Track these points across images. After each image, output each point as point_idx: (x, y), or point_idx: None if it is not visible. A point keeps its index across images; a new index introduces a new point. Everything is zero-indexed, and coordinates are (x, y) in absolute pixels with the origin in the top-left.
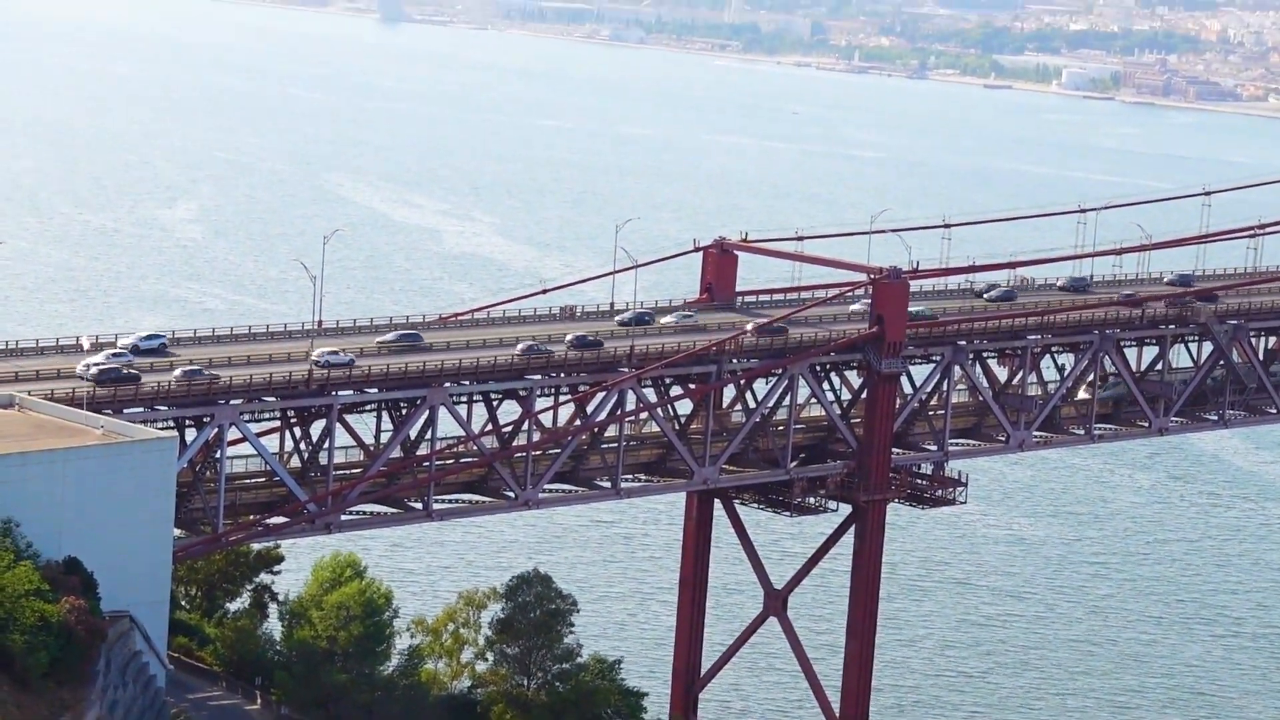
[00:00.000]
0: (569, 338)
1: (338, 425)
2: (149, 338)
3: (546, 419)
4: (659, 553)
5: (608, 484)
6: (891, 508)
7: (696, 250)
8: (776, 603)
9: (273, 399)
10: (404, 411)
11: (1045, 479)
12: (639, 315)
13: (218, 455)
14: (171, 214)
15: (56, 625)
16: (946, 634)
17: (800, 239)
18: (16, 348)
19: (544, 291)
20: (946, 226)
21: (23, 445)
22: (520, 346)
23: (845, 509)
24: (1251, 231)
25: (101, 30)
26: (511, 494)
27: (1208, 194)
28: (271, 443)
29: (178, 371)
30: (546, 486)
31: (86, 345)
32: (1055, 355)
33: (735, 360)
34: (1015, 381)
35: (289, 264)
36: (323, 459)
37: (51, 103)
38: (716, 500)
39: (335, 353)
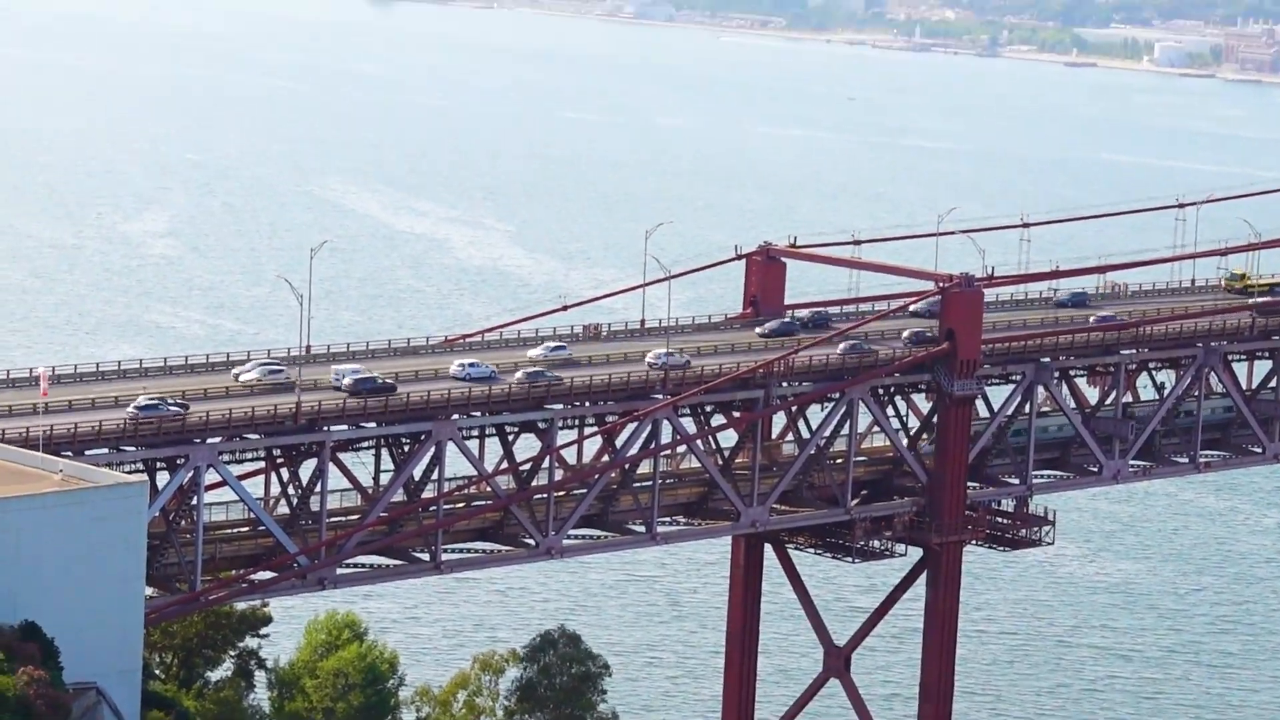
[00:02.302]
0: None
1: (331, 465)
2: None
3: (570, 455)
4: (702, 606)
5: (642, 528)
6: (968, 551)
7: (739, 258)
8: (838, 661)
9: (256, 436)
10: (406, 448)
11: (1146, 516)
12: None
13: (194, 502)
14: (139, 227)
15: (13, 700)
16: (1033, 696)
17: (858, 243)
18: None
19: (565, 308)
20: (1025, 226)
21: None
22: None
23: (915, 553)
24: None
25: (45, 14)
26: (531, 541)
27: None
28: (256, 487)
29: (130, 407)
30: (571, 532)
31: (43, 379)
32: (1153, 372)
33: (785, 384)
34: (1108, 403)
35: (275, 282)
36: (314, 504)
37: None
38: (767, 545)
39: (475, 364)
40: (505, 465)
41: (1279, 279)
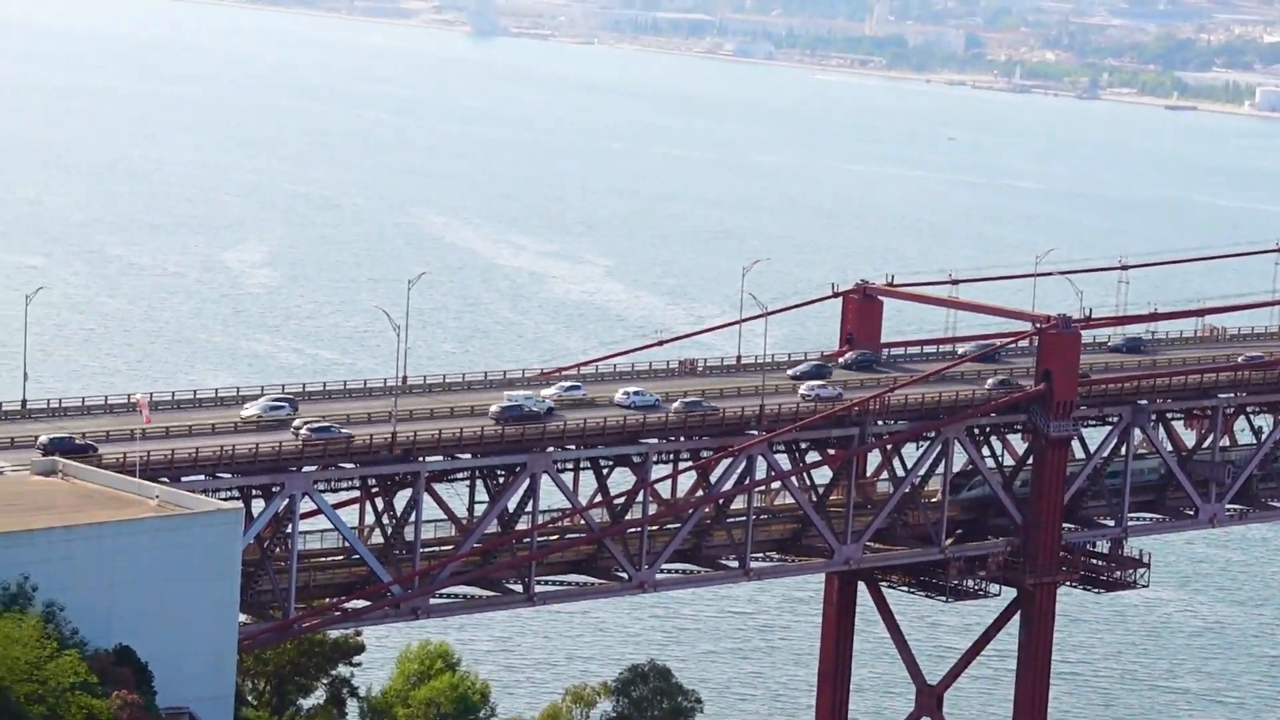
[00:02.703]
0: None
1: (426, 496)
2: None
3: (664, 489)
4: (795, 642)
5: (735, 564)
6: (1062, 592)
7: (835, 296)
8: (930, 700)
9: (351, 466)
10: (501, 480)
11: (1242, 560)
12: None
13: (289, 530)
14: (239, 256)
15: None
16: None
17: (955, 283)
18: (59, 406)
19: (661, 343)
20: (1124, 268)
21: (67, 518)
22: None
23: (1009, 593)
24: None
25: (144, 46)
26: (624, 575)
27: None
28: (350, 516)
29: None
30: (664, 566)
31: (143, 405)
32: (1251, 416)
33: (880, 422)
34: (1205, 446)
35: (372, 312)
36: (409, 534)
37: (95, 130)
38: (860, 582)
39: (640, 393)
40: (599, 499)
41: None
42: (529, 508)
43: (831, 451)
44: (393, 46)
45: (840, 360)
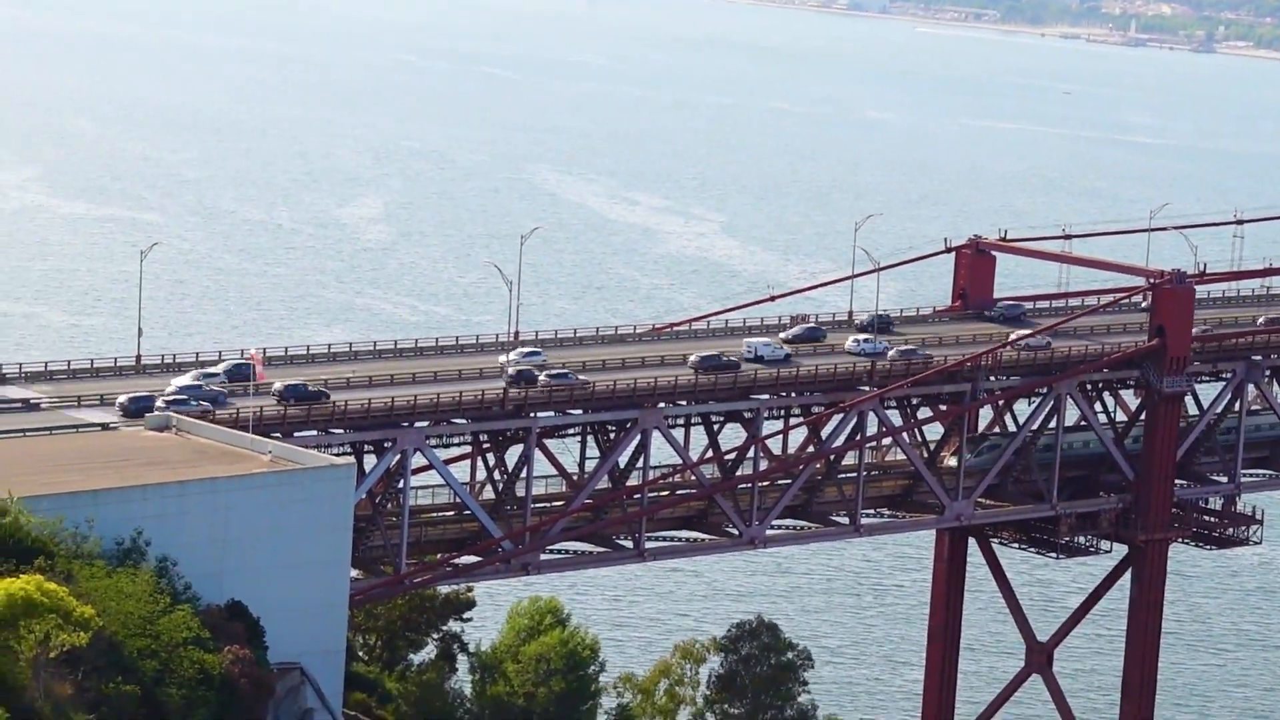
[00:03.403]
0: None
1: (537, 451)
2: None
3: (775, 445)
4: (905, 599)
5: (845, 520)
6: (1174, 549)
7: (948, 251)
8: (1041, 657)
9: (463, 421)
10: (613, 436)
11: None
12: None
13: (400, 485)
14: (354, 212)
15: (218, 678)
16: (1238, 698)
17: (1068, 238)
18: (174, 362)
19: (772, 298)
20: (1239, 223)
21: (180, 473)
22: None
23: (1120, 550)
24: None
25: (258, 6)
26: (735, 531)
27: None
28: (462, 471)
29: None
30: (775, 522)
31: (257, 362)
32: None
33: (993, 378)
34: None
35: (487, 269)
36: (520, 490)
37: (211, 90)
38: (971, 539)
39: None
40: (710, 455)
41: None
42: (640, 464)
43: (944, 407)
44: (507, 6)
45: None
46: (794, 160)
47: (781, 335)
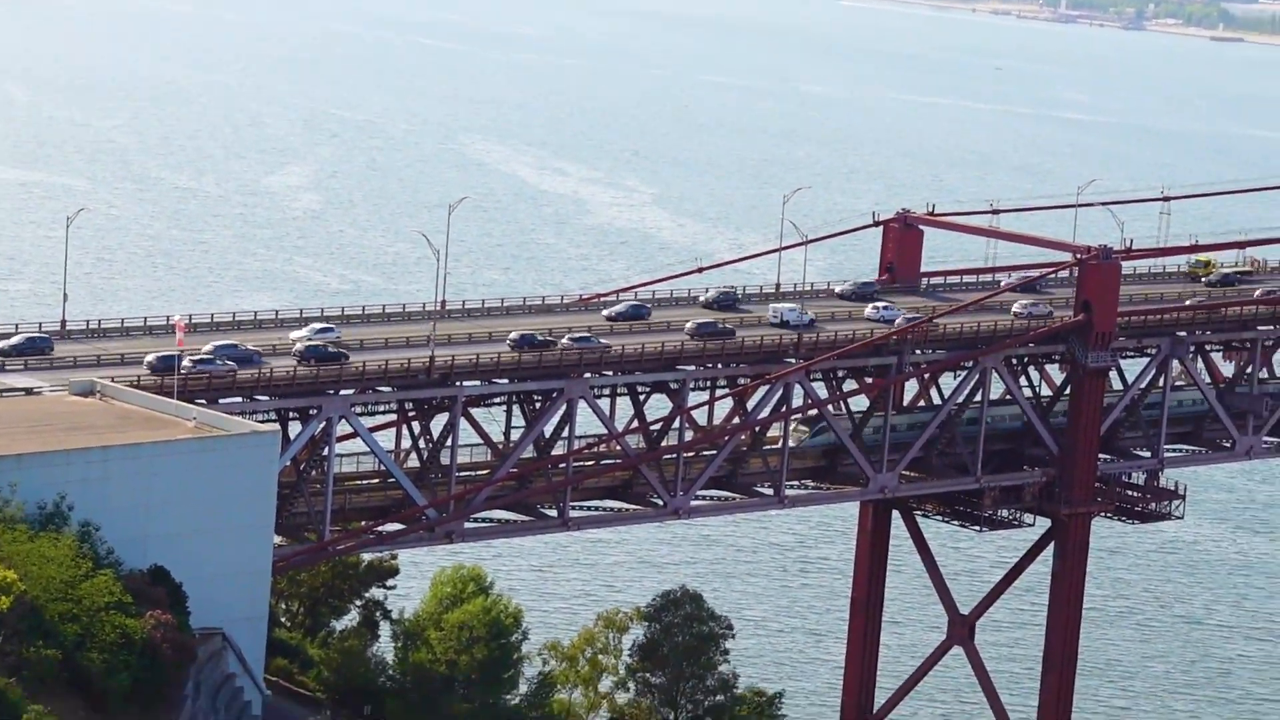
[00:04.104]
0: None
1: (462, 420)
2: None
3: (700, 416)
4: (828, 570)
5: (770, 491)
6: (1097, 523)
7: (876, 224)
8: (962, 629)
9: (388, 389)
10: (538, 405)
11: (1278, 492)
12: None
13: (325, 453)
14: (283, 180)
15: (140, 643)
16: (1159, 671)
17: (996, 212)
18: (99, 328)
19: (700, 270)
20: (1165, 199)
21: (104, 438)
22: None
23: (1044, 523)
24: None
25: None
26: (659, 501)
27: None
28: (387, 439)
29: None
30: (699, 493)
31: (180, 328)
32: None
33: (919, 351)
34: (1244, 379)
35: (415, 238)
36: (445, 458)
37: (145, 56)
38: (895, 511)
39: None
40: (635, 425)
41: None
42: (565, 433)
43: (869, 380)
44: None
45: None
46: (727, 133)
47: (605, 312)
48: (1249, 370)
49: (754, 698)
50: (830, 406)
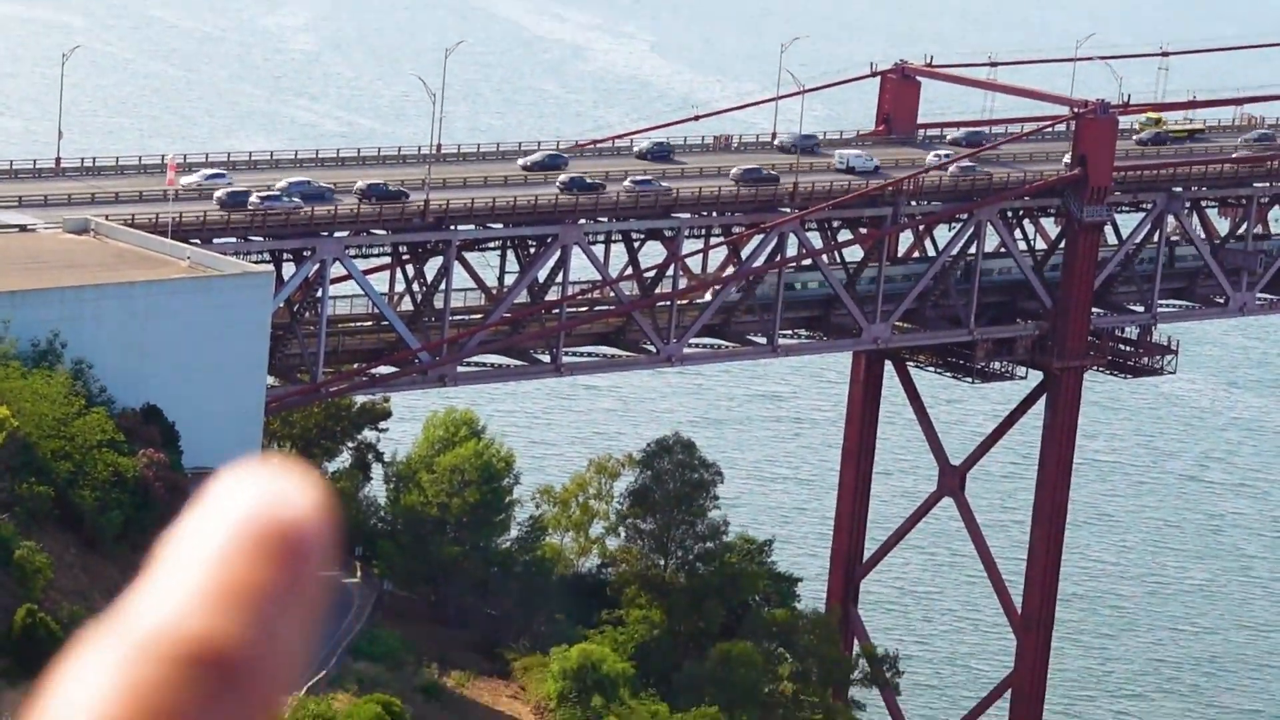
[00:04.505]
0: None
1: (456, 264)
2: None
3: (695, 264)
4: (820, 420)
5: (763, 340)
6: (1089, 376)
7: (873, 75)
8: (953, 480)
9: (383, 232)
10: (532, 251)
11: (1271, 349)
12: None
13: (319, 294)
14: (280, 21)
15: (132, 481)
16: (1148, 525)
17: (994, 65)
18: (94, 166)
19: (696, 118)
20: (1164, 55)
21: (97, 276)
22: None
23: (1036, 376)
24: None
25: None
26: (652, 348)
27: None
28: (380, 282)
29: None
30: (692, 341)
31: (171, 167)
32: None
33: (914, 203)
34: (1239, 235)
35: (412, 81)
36: (438, 302)
37: None
38: (888, 362)
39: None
40: (630, 272)
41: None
42: (559, 279)
43: (864, 231)
44: None
45: (521, 163)
46: None
47: (520, 162)
48: (1244, 226)
49: (744, 545)
50: (824, 256)
